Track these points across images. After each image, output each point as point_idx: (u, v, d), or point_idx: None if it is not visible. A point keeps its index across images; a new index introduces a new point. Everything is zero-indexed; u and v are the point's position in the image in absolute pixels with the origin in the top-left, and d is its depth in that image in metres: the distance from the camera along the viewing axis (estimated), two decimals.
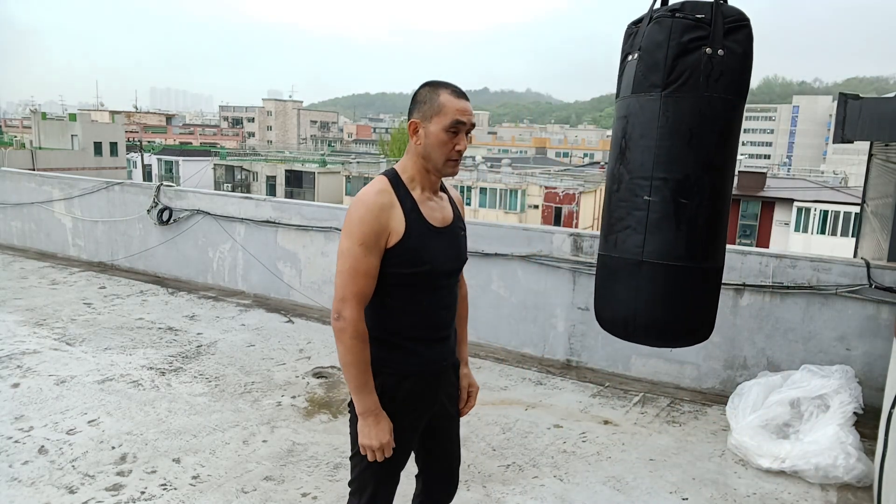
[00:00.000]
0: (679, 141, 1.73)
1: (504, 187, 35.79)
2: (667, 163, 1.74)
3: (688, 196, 1.74)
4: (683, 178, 1.74)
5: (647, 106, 1.77)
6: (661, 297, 1.82)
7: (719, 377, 4.49)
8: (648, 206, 1.77)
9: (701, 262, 1.80)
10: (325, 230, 6.02)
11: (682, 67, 1.71)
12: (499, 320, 5.23)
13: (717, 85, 1.71)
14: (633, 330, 1.91)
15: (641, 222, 1.78)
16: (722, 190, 1.79)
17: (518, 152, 78.32)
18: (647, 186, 1.77)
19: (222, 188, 41.69)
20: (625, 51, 1.91)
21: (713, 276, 1.87)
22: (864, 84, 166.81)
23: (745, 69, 1.76)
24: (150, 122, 71.39)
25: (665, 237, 1.77)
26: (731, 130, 1.77)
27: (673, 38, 1.72)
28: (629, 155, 1.82)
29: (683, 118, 1.73)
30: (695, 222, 1.76)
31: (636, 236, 1.80)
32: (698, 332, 1.90)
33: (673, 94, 1.73)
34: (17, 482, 3.05)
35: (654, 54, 1.75)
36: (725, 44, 1.71)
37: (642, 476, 3.35)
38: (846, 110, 4.41)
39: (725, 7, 1.75)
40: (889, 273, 4.03)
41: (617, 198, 1.87)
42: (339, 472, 3.26)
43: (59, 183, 7.93)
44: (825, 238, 26.62)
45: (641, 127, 1.78)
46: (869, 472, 3.25)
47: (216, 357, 4.81)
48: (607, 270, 1.96)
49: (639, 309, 1.86)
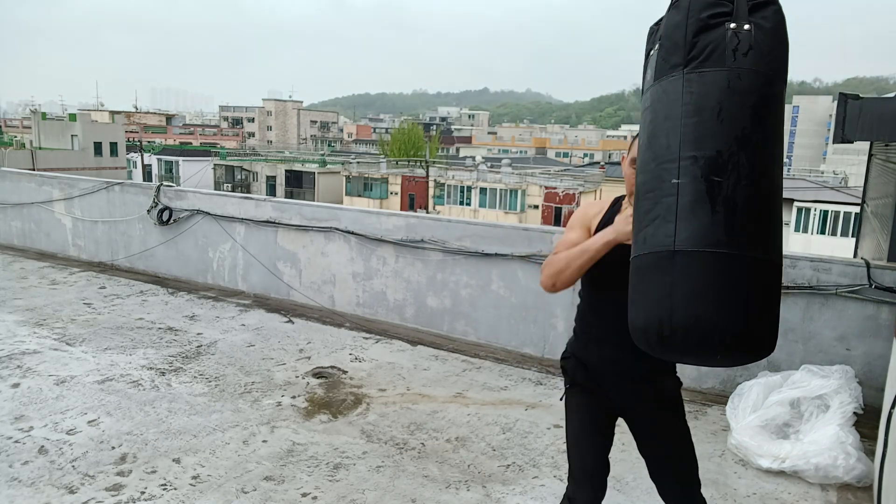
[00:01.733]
0: (707, 116, 1.50)
1: (504, 187, 35.78)
2: (695, 140, 1.50)
3: (721, 174, 1.47)
4: (715, 155, 1.48)
5: (669, 88, 1.58)
6: (700, 291, 1.48)
7: (719, 377, 4.49)
8: (678, 189, 1.51)
9: (747, 249, 1.48)
10: (325, 230, 6.02)
11: (704, 43, 1.53)
12: (499, 320, 5.23)
13: (747, 59, 1.51)
14: (668, 335, 1.51)
15: (671, 209, 1.51)
16: (765, 170, 1.52)
17: (518, 152, 78.31)
18: (674, 169, 1.52)
19: (222, 188, 41.69)
20: (647, 48, 1.81)
21: (766, 270, 1.52)
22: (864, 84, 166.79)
23: (778, 45, 1.55)
24: (150, 123, 71.37)
25: (700, 222, 1.47)
26: (769, 107, 1.53)
27: (692, 16, 1.56)
28: (654, 142, 1.60)
29: (710, 93, 1.51)
30: (733, 203, 1.46)
31: (667, 225, 1.51)
32: (751, 339, 1.52)
33: (696, 69, 1.54)
34: (17, 482, 3.05)
35: (672, 36, 1.60)
36: (752, 19, 1.53)
37: (642, 476, 3.34)
38: (846, 110, 4.40)
39: None
40: (889, 273, 4.02)
41: (644, 190, 1.61)
42: (338, 472, 3.26)
43: (59, 183, 7.93)
44: (825, 238, 26.60)
45: (666, 109, 1.58)
46: (869, 472, 3.25)
47: (216, 357, 4.81)
48: (639, 273, 1.62)
49: (675, 308, 1.50)
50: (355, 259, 5.90)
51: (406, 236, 5.60)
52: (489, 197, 36.04)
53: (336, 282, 6.05)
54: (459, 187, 37.81)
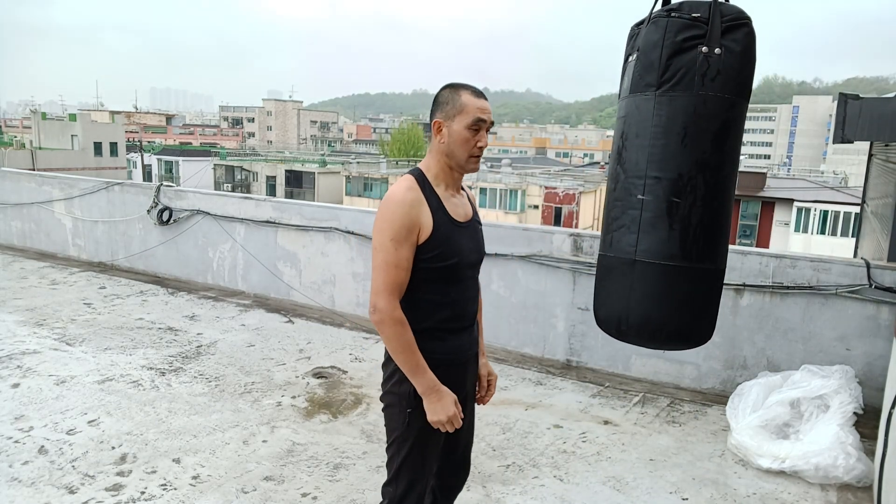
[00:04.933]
0: (672, 140, 1.72)
1: (504, 187, 35.78)
2: (660, 161, 1.73)
3: (680, 195, 1.72)
4: (676, 178, 1.72)
5: (642, 105, 1.76)
6: (653, 296, 1.80)
7: (719, 377, 4.49)
8: (642, 205, 1.76)
9: (696, 262, 1.77)
10: (325, 230, 6.02)
11: (677, 66, 1.69)
12: (499, 320, 5.23)
13: (714, 84, 1.69)
14: (625, 329, 1.89)
15: (635, 221, 1.77)
16: (718, 190, 1.76)
17: (518, 152, 78.36)
18: (640, 185, 1.76)
19: (222, 188, 41.69)
20: (627, 52, 1.91)
21: (710, 278, 1.83)
22: (864, 84, 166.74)
23: (745, 68, 1.73)
24: (149, 123, 71.39)
25: (659, 236, 1.75)
26: (729, 130, 1.74)
27: (668, 38, 1.71)
28: (625, 154, 1.81)
29: (677, 117, 1.71)
30: (688, 222, 1.73)
31: (630, 235, 1.79)
32: (693, 335, 1.86)
33: (667, 92, 1.71)
34: (17, 482, 3.05)
35: (649, 55, 1.74)
36: (723, 42, 1.68)
37: (642, 476, 3.35)
38: (846, 110, 4.41)
39: (724, 6, 1.72)
40: (889, 273, 4.02)
41: (613, 197, 1.85)
42: (338, 472, 3.26)
43: (59, 183, 7.93)
44: (825, 238, 26.61)
45: (637, 126, 1.77)
46: (869, 472, 3.25)
47: (216, 357, 4.81)
48: (604, 270, 1.96)
49: (631, 308, 1.84)
50: (355, 259, 5.90)
51: None
52: (489, 197, 36.03)
53: (336, 282, 6.05)
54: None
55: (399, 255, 1.83)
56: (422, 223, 1.85)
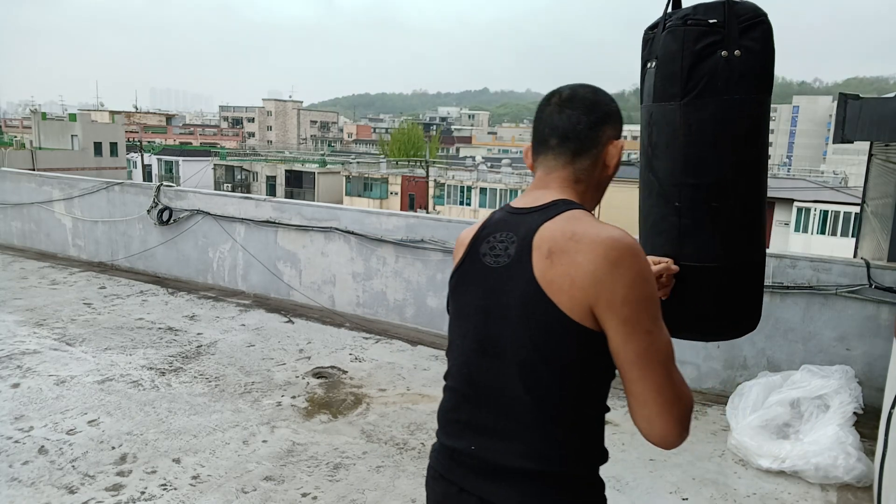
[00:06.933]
0: (705, 146, 1.72)
1: (504, 187, 35.78)
2: (695, 168, 1.74)
3: (719, 199, 1.73)
4: (714, 182, 1.73)
5: (668, 115, 1.76)
6: (703, 295, 1.82)
7: (719, 377, 4.49)
8: (680, 212, 1.77)
9: (737, 259, 1.81)
10: (325, 230, 6.02)
11: (699, 75, 1.69)
12: None
13: (738, 86, 1.68)
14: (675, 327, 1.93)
15: (675, 226, 1.79)
16: (755, 188, 1.79)
17: (518, 152, 78.27)
18: (677, 193, 1.77)
19: (222, 188, 41.70)
20: (644, 57, 1.90)
21: (750, 270, 1.87)
22: (864, 84, 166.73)
23: (766, 64, 1.73)
24: (149, 123, 71.39)
25: (702, 240, 1.77)
26: (759, 127, 1.75)
27: (686, 48, 1.70)
28: (657, 163, 1.82)
29: (706, 125, 1.71)
30: (728, 224, 1.75)
31: (671, 242, 1.81)
32: (742, 322, 1.90)
33: (692, 102, 1.71)
34: (17, 482, 3.05)
35: (669, 66, 1.74)
36: (742, 43, 1.68)
37: (642, 476, 3.35)
38: (846, 110, 4.40)
39: (738, 5, 1.70)
40: (889, 273, 4.02)
41: (649, 203, 1.87)
42: (338, 472, 3.26)
43: (59, 183, 7.93)
44: (825, 238, 26.59)
45: (666, 137, 1.78)
46: (869, 472, 3.25)
47: (216, 357, 4.81)
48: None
49: (691, 309, 1.85)
50: (355, 259, 5.90)
51: (406, 236, 5.60)
52: (489, 197, 36.04)
53: (336, 282, 6.05)
54: (459, 187, 37.81)
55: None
56: None
